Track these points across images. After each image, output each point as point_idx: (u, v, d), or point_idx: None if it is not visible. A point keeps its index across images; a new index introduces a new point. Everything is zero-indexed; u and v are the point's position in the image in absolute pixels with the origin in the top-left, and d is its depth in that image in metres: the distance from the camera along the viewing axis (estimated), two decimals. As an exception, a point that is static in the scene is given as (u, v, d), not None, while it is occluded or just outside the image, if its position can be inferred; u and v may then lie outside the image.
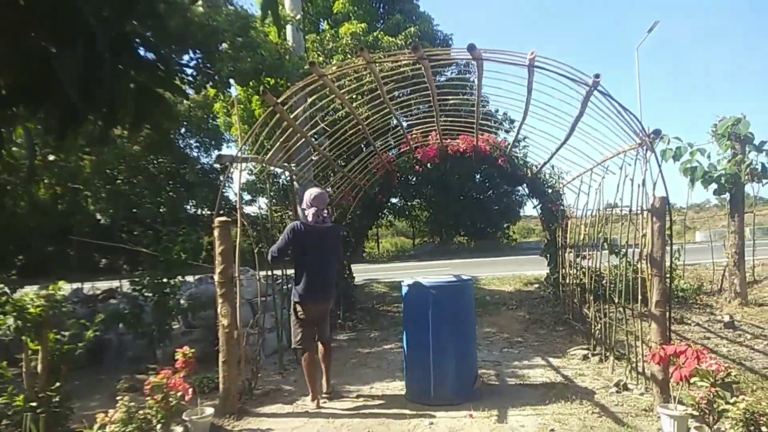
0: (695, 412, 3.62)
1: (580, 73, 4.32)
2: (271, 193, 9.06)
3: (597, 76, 4.14)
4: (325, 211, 4.90)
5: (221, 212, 5.11)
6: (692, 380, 3.65)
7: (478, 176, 26.54)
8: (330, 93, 5.35)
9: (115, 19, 1.60)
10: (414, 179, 24.75)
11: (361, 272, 15.70)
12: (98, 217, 22.75)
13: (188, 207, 24.67)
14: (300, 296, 4.82)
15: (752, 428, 3.00)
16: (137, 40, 1.79)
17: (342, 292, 8.87)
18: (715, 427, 3.50)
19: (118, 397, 3.65)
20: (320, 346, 5.16)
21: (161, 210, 22.74)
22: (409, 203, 29.78)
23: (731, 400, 3.24)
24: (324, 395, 5.09)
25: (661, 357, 4.01)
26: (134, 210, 22.21)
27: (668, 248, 4.77)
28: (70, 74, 1.44)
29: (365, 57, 4.36)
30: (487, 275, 13.56)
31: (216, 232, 4.69)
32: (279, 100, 4.75)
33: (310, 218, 4.79)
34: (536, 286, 11.20)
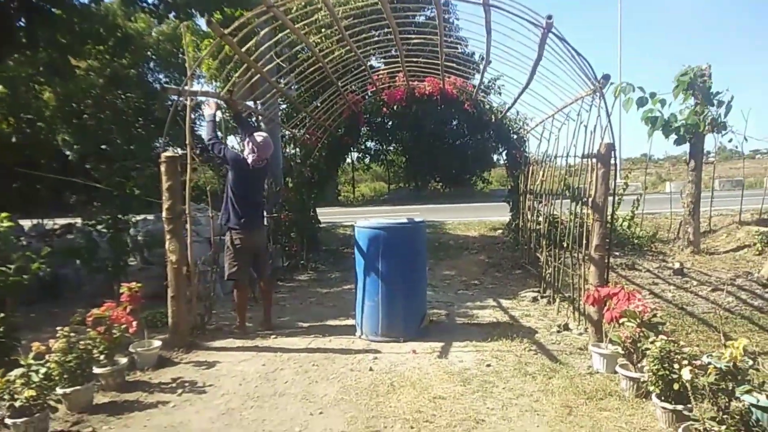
0: (622, 351, 3.78)
1: (535, 14, 4.24)
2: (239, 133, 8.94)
3: (549, 17, 4.06)
4: (265, 159, 5.17)
5: (193, 151, 5.15)
6: (621, 321, 3.80)
7: (454, 122, 26.39)
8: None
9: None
10: (389, 123, 24.49)
11: (333, 215, 15.79)
12: (66, 152, 22.26)
13: (159, 144, 24.23)
14: (235, 223, 5.08)
15: (666, 365, 3.15)
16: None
17: (307, 233, 8.93)
18: (639, 365, 3.66)
19: (58, 328, 3.67)
20: (260, 284, 5.48)
21: (131, 147, 22.29)
22: (385, 147, 29.63)
23: (652, 339, 3.39)
24: (259, 330, 5.33)
25: (595, 298, 4.15)
26: (103, 147, 21.75)
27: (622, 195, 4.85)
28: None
29: (316, -11, 4.21)
30: (455, 221, 13.72)
31: (162, 168, 4.62)
32: (227, 31, 4.59)
33: (249, 160, 5.05)
34: (500, 231, 11.38)
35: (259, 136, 5.08)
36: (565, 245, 5.78)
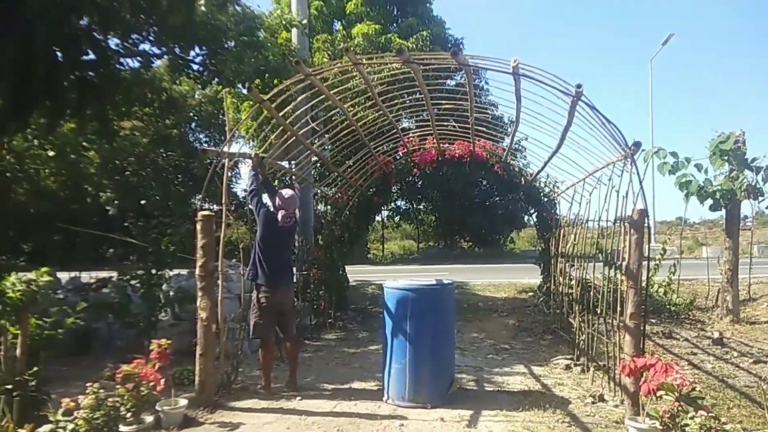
0: (660, 426, 3.61)
1: (565, 83, 4.33)
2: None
3: (579, 86, 4.15)
4: (296, 212, 5.28)
5: (228, 208, 5.33)
6: (659, 393, 3.65)
7: (484, 182, 26.52)
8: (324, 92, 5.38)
9: (59, 15, 1.65)
10: (419, 183, 24.78)
11: (362, 273, 15.78)
12: (107, 208, 23.02)
13: (196, 201, 24.90)
14: (262, 280, 5.09)
15: (707, 443, 3.01)
16: (85, 36, 1.84)
17: (335, 292, 8.94)
18: (679, 441, 3.49)
19: (88, 384, 3.71)
20: (287, 343, 5.46)
21: (169, 203, 22.94)
22: (415, 206, 29.79)
23: (690, 415, 3.24)
24: (285, 391, 5.27)
25: (631, 369, 4.01)
26: (142, 202, 22.44)
27: (652, 261, 4.76)
28: (5, 69, 1.50)
29: (351, 58, 4.40)
30: (484, 281, 13.56)
31: (198, 226, 4.75)
32: (266, 97, 4.81)
33: (279, 218, 5.10)
34: (530, 294, 11.18)
35: (286, 191, 5.19)
36: (598, 311, 5.64)
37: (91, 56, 4.62)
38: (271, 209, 5.25)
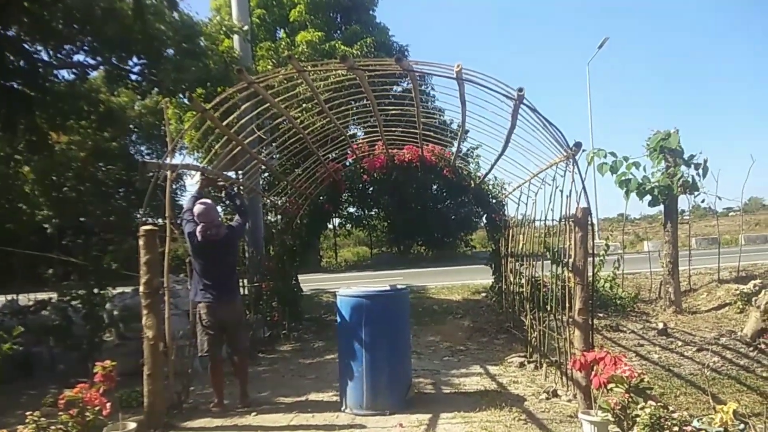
0: (612, 418, 3.70)
1: (507, 87, 4.41)
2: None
3: (521, 90, 4.23)
4: (216, 223, 5.02)
5: (173, 222, 5.16)
6: (609, 386, 3.74)
7: (435, 186, 26.79)
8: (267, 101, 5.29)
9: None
10: (370, 189, 24.79)
11: (315, 281, 15.63)
12: (45, 226, 21.95)
13: (139, 216, 24.03)
14: (200, 296, 4.97)
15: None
16: (12, 46, 1.74)
17: (288, 302, 8.80)
18: (630, 432, 3.58)
19: (27, 413, 3.49)
20: (235, 358, 5.28)
21: (111, 219, 22.08)
22: (366, 212, 29.80)
23: (641, 406, 3.33)
24: (239, 407, 5.11)
25: (581, 363, 4.09)
26: (82, 219, 21.51)
27: (597, 257, 4.90)
28: None
29: (295, 65, 4.35)
30: (438, 284, 13.67)
31: (141, 241, 4.57)
32: (209, 107, 4.69)
33: (198, 234, 4.89)
34: (483, 294, 11.34)
35: (199, 204, 4.98)
36: (549, 308, 5.76)
37: (21, 66, 4.41)
38: (192, 225, 5.03)
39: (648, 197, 8.21)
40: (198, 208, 4.94)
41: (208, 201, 5.12)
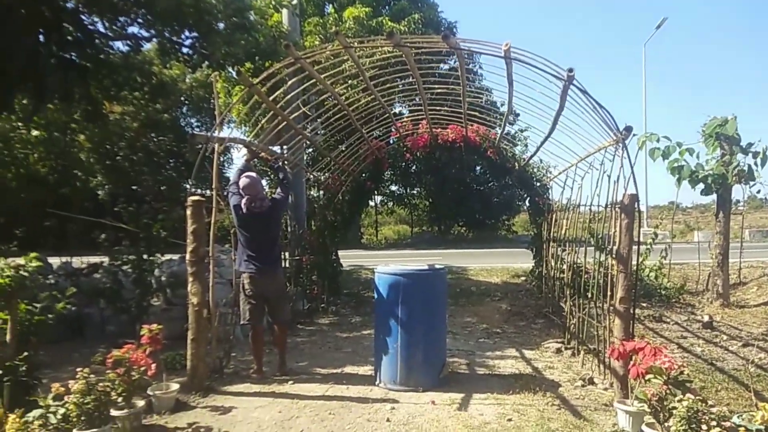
0: (648, 409, 3.64)
1: (556, 67, 4.30)
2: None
3: (571, 70, 4.12)
4: (260, 196, 5.10)
5: (219, 194, 5.34)
6: (648, 377, 3.68)
7: (478, 168, 26.50)
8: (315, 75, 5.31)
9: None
10: (413, 167, 24.67)
11: (355, 258, 15.79)
12: (98, 192, 22.89)
13: (188, 186, 24.73)
14: (244, 267, 5.10)
15: (693, 425, 3.03)
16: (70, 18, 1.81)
17: (328, 277, 8.95)
18: (666, 424, 3.52)
19: (78, 369, 3.70)
20: (275, 328, 5.42)
21: (161, 188, 22.83)
22: (408, 191, 29.78)
23: (678, 398, 3.27)
24: (276, 375, 5.28)
25: (620, 352, 4.03)
26: (134, 187, 22.32)
27: (643, 246, 4.78)
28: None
29: (341, 41, 4.35)
30: (477, 266, 13.60)
31: (188, 211, 4.72)
32: (257, 81, 4.75)
33: (243, 206, 5.00)
34: (523, 278, 11.23)
35: (244, 177, 5.08)
36: (589, 295, 5.67)
37: (78, 37, 4.55)
38: (238, 198, 5.14)
39: (701, 185, 7.89)
40: (243, 181, 5.05)
41: (254, 174, 5.23)
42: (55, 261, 8.40)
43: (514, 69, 4.73)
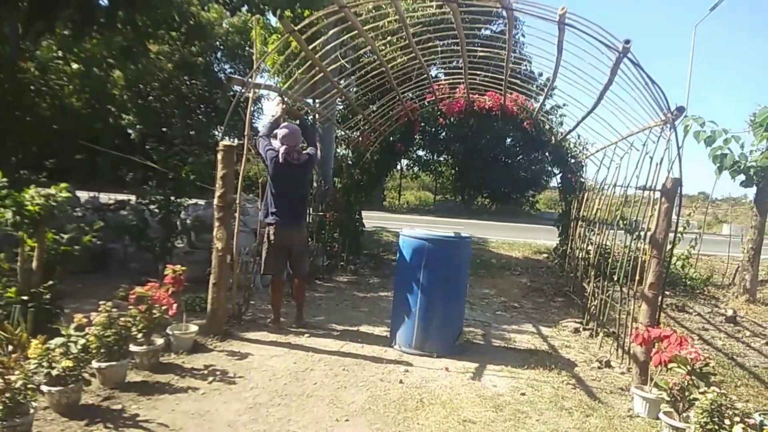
0: (668, 398, 3.58)
1: (612, 37, 4.09)
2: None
3: (627, 41, 3.91)
4: (300, 146, 5.11)
5: (250, 142, 5.24)
6: (671, 366, 3.60)
7: (508, 140, 26.04)
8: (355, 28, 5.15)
9: None
10: (443, 134, 24.32)
11: (376, 219, 15.79)
12: (129, 131, 23.09)
13: (217, 132, 24.84)
14: (270, 218, 5.09)
15: (715, 419, 2.96)
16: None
17: (349, 235, 8.93)
18: (684, 414, 3.46)
19: (101, 302, 3.74)
20: (295, 281, 5.47)
21: (191, 132, 22.93)
22: (435, 157, 29.47)
23: (702, 390, 3.19)
24: (293, 327, 5.35)
25: (644, 338, 3.95)
26: (164, 129, 22.45)
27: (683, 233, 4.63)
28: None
29: (389, -8, 4.18)
30: (499, 239, 13.48)
31: (219, 156, 4.68)
32: (297, 28, 4.62)
33: (280, 156, 4.98)
34: (545, 255, 11.10)
35: (281, 129, 5.06)
36: (615, 278, 5.55)
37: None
38: (275, 148, 5.11)
39: (741, 177, 7.59)
40: (283, 131, 5.02)
41: (293, 125, 5.17)
42: (82, 195, 8.51)
43: (564, 37, 4.51)
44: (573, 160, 8.36)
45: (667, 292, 8.00)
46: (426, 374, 4.34)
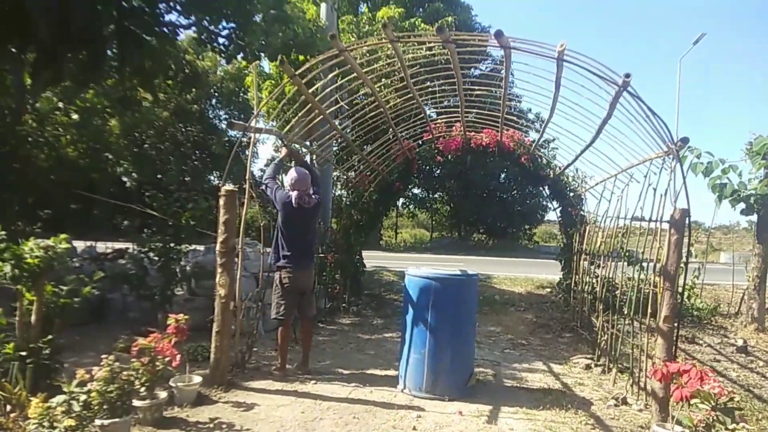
0: (692, 435, 3.45)
1: (611, 72, 4.13)
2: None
3: (627, 75, 3.94)
4: (310, 190, 5.10)
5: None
6: (692, 401, 3.49)
7: (503, 175, 26.23)
8: (353, 71, 5.20)
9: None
10: (437, 171, 24.54)
11: (375, 259, 15.65)
12: (124, 179, 23.10)
13: (212, 178, 24.87)
14: (282, 262, 5.03)
15: (748, 458, 2.84)
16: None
17: (351, 276, 8.84)
18: (712, 452, 3.32)
19: (103, 356, 3.61)
20: (303, 324, 5.40)
21: (186, 178, 22.95)
22: (431, 195, 29.60)
23: (730, 427, 3.07)
24: (299, 373, 5.22)
25: (663, 374, 3.83)
26: (159, 176, 22.46)
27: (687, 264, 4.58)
28: (40, 10, 1.36)
29: (388, 34, 4.22)
30: (500, 275, 13.37)
31: (221, 201, 4.63)
32: (297, 72, 4.64)
33: (293, 202, 4.95)
34: (548, 290, 10.99)
35: (291, 172, 5.05)
36: (625, 312, 5.46)
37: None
38: (285, 192, 5.09)
39: (741, 205, 7.60)
40: (293, 175, 5.02)
41: (302, 169, 5.16)
42: (79, 245, 8.40)
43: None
44: (572, 194, 8.36)
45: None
46: (439, 419, 4.19)
